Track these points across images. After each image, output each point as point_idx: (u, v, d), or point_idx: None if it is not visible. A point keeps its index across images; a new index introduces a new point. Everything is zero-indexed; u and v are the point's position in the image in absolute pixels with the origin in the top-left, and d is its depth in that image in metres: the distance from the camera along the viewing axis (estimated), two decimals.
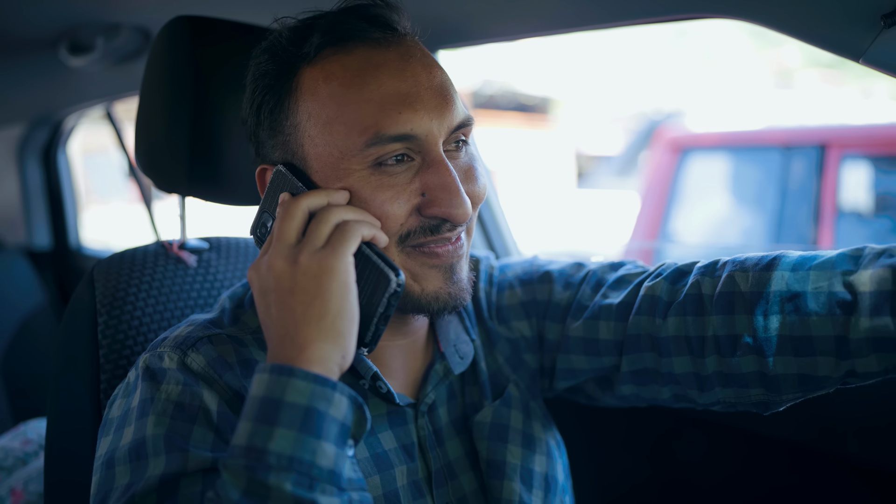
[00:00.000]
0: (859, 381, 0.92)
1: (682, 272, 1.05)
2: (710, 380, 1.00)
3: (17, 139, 2.99)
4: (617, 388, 1.12)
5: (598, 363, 1.11)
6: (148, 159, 1.24)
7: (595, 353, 1.11)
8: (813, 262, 0.93)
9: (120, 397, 0.95)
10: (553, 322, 1.16)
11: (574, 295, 1.15)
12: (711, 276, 1.01)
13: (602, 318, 1.10)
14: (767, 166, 4.08)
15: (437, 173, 0.91)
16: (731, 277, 0.98)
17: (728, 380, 0.99)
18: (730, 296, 0.97)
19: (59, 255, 3.17)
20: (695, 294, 1.01)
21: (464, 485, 1.06)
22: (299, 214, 0.88)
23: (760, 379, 0.96)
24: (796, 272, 0.93)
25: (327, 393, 0.79)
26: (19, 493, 1.77)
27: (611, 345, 1.09)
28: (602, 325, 1.09)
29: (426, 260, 0.95)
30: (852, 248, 0.92)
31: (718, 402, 1.02)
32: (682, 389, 1.05)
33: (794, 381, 0.94)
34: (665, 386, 1.06)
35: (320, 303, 0.82)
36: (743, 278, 0.97)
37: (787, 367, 0.93)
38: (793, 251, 0.97)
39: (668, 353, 1.03)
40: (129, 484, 0.83)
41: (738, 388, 0.99)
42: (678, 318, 1.01)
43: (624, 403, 1.17)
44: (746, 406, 1.01)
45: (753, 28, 1.09)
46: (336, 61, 0.92)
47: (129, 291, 1.18)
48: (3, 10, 1.73)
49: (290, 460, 0.75)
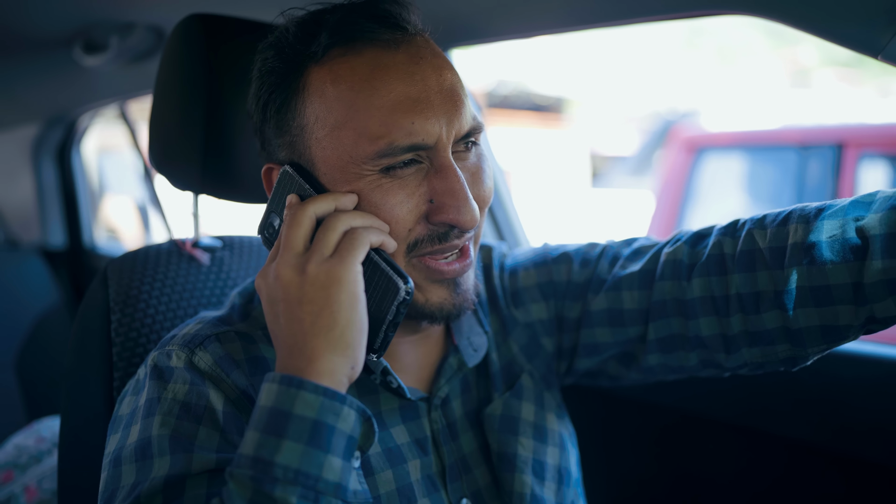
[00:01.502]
0: (881, 326, 0.91)
1: (702, 235, 1.05)
2: (737, 340, 1.00)
3: (32, 139, 3.01)
4: (643, 360, 1.11)
5: (623, 334, 1.10)
6: (161, 157, 1.24)
7: (620, 323, 1.10)
8: (826, 211, 0.92)
9: (129, 394, 0.95)
10: (573, 301, 1.15)
11: (593, 271, 1.14)
12: (732, 235, 1.01)
13: (624, 288, 1.09)
14: (784, 166, 4.06)
15: (445, 179, 0.90)
16: (750, 235, 0.98)
17: (754, 338, 0.99)
18: (750, 253, 0.97)
19: (73, 253, 3.18)
20: (717, 254, 1.01)
21: (478, 478, 1.06)
22: (307, 221, 0.87)
23: (785, 334, 0.96)
24: (810, 223, 0.92)
25: (336, 406, 0.79)
26: (33, 490, 1.78)
27: (636, 314, 1.09)
28: (625, 295, 1.09)
29: (431, 275, 0.94)
30: (864, 195, 0.92)
31: (745, 363, 1.02)
32: (709, 353, 1.04)
33: (818, 332, 0.94)
34: (692, 351, 1.05)
35: (329, 314, 0.82)
36: (761, 235, 0.97)
37: (810, 318, 0.93)
38: (808, 204, 0.96)
39: (694, 315, 1.02)
40: (135, 483, 0.83)
41: (765, 346, 0.98)
42: (702, 279, 1.01)
43: (650, 378, 1.16)
44: (774, 364, 1.01)
45: (769, 27, 1.08)
46: (345, 62, 0.90)
47: (142, 290, 1.18)
48: (19, 10, 1.74)
49: (297, 474, 0.75)
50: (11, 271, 2.76)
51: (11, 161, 3.14)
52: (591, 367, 1.18)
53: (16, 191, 3.20)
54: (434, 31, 0.99)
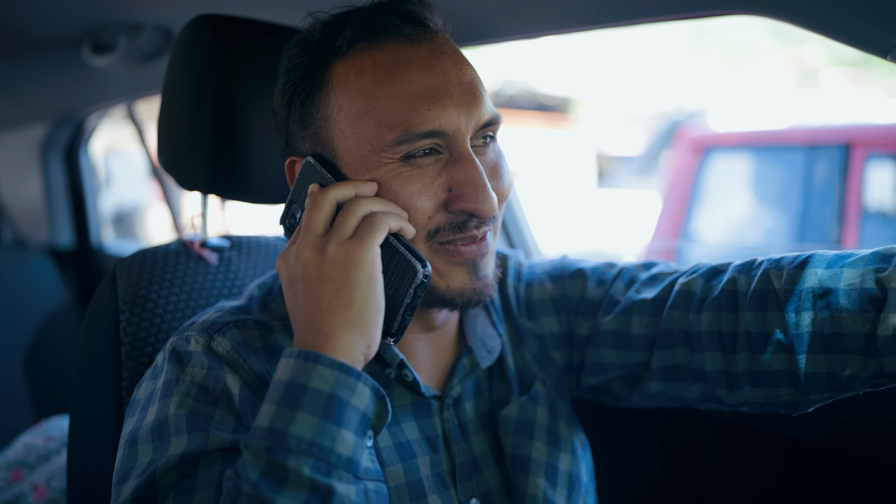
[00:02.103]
0: (889, 381, 0.91)
1: (718, 270, 1.05)
2: (740, 378, 1.00)
3: (40, 139, 3.02)
4: (645, 386, 1.12)
5: (629, 358, 1.11)
6: (170, 157, 1.24)
7: (626, 347, 1.10)
8: (846, 259, 0.92)
9: (147, 379, 0.97)
10: (584, 318, 1.16)
11: (607, 291, 1.15)
12: (747, 274, 1.00)
13: (635, 313, 1.09)
14: (791, 166, 4.04)
15: (464, 168, 0.92)
16: (766, 275, 0.98)
17: (758, 378, 0.98)
18: (764, 293, 0.97)
19: (81, 253, 3.19)
20: (730, 290, 1.00)
21: (488, 480, 1.06)
22: (327, 205, 0.90)
23: (790, 378, 0.95)
24: (829, 269, 0.92)
25: (350, 382, 0.80)
26: (42, 489, 1.79)
27: (643, 339, 1.09)
28: (635, 320, 1.09)
29: (451, 258, 0.96)
30: (886, 247, 0.91)
31: (747, 402, 1.02)
32: (711, 388, 1.04)
33: (823, 380, 0.93)
34: (694, 384, 1.05)
35: (347, 293, 0.83)
36: (777, 276, 0.96)
37: (817, 365, 0.93)
38: (827, 251, 0.96)
39: (699, 349, 1.02)
40: (151, 461, 0.85)
41: (768, 388, 0.98)
42: (712, 314, 1.01)
43: (650, 403, 1.16)
44: (775, 407, 1.00)
45: (776, 27, 1.08)
46: (368, 56, 0.93)
47: (150, 289, 1.18)
48: (28, 11, 1.75)
49: (310, 445, 0.76)
50: (20, 271, 2.77)
51: (20, 161, 3.15)
52: (597, 384, 1.19)
53: (24, 191, 3.20)
54: (452, 31, 1.01)
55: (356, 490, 0.79)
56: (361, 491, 0.81)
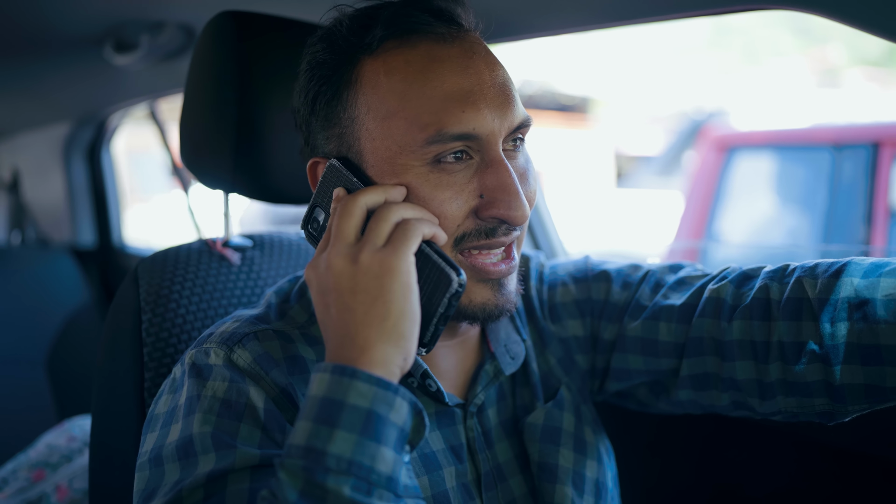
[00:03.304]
0: None
1: (749, 276, 1.02)
2: (773, 387, 0.97)
3: (63, 138, 3.03)
4: (674, 394, 1.09)
5: (655, 365, 1.08)
6: (192, 156, 1.24)
7: (653, 354, 1.08)
8: (884, 268, 0.89)
9: (166, 393, 0.95)
10: (609, 322, 1.14)
11: (632, 295, 1.12)
12: (780, 281, 0.97)
13: (663, 319, 1.07)
14: (817, 165, 3.99)
15: (496, 174, 0.89)
16: (799, 283, 0.95)
17: (791, 388, 0.95)
18: (798, 302, 0.94)
19: (103, 253, 3.21)
20: (762, 298, 0.98)
21: (513, 488, 1.04)
22: (358, 212, 0.86)
23: (825, 388, 0.93)
24: (866, 279, 0.89)
25: (389, 397, 0.77)
26: (64, 489, 1.79)
27: (670, 347, 1.06)
28: (662, 326, 1.07)
29: (476, 274, 0.93)
30: None
31: (780, 411, 0.99)
32: (742, 397, 1.01)
33: (861, 391, 0.90)
34: (725, 392, 1.03)
35: (382, 304, 0.80)
36: (811, 284, 0.93)
37: (854, 376, 0.90)
38: (864, 258, 0.93)
39: (731, 358, 1.00)
40: (178, 481, 0.82)
41: (802, 398, 0.95)
42: (744, 322, 0.98)
43: (678, 410, 1.13)
44: (809, 416, 0.97)
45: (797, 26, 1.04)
46: (399, 55, 0.90)
47: (172, 289, 1.17)
48: (51, 10, 1.75)
49: (350, 464, 0.73)
50: (42, 270, 2.78)
51: (43, 160, 3.17)
52: (621, 390, 1.16)
53: (47, 190, 3.23)
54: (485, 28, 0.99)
55: None
56: None
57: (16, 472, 1.89)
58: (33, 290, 2.72)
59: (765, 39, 12.77)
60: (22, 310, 2.65)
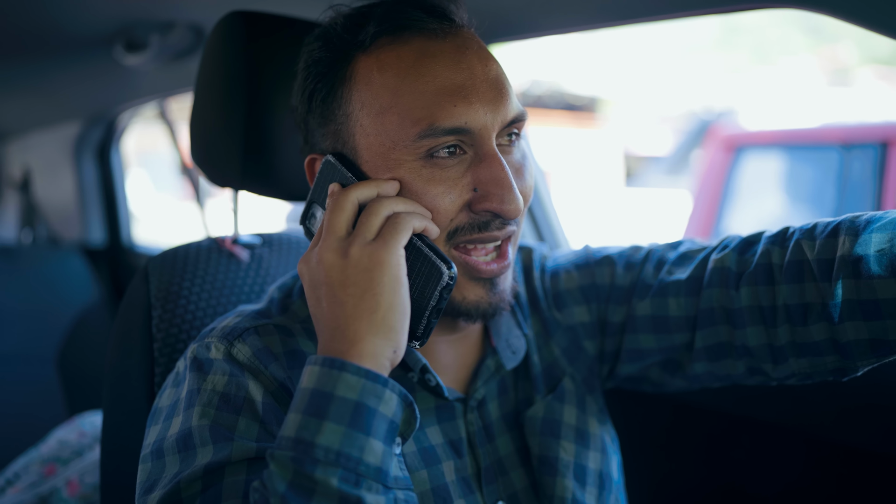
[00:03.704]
0: None
1: (750, 242, 1.03)
2: (784, 350, 0.98)
3: (73, 137, 3.05)
4: (689, 368, 1.10)
5: (668, 341, 1.09)
6: (202, 154, 1.25)
7: (665, 330, 1.09)
8: (875, 224, 0.90)
9: (170, 387, 0.96)
10: (617, 304, 1.14)
11: (637, 275, 1.13)
12: (781, 245, 0.99)
13: (671, 295, 1.07)
14: (825, 164, 3.99)
15: (489, 168, 0.90)
16: (798, 245, 0.96)
17: (801, 349, 0.96)
18: (798, 264, 0.95)
19: (112, 251, 3.23)
20: (764, 263, 0.99)
21: (514, 481, 1.05)
22: (349, 206, 0.88)
23: (833, 346, 0.94)
24: (859, 236, 0.90)
25: (378, 389, 0.78)
26: (75, 484, 1.80)
27: (682, 321, 1.07)
28: (671, 302, 1.07)
29: (469, 272, 0.94)
30: None
31: (793, 374, 1.00)
32: (756, 363, 1.02)
33: (867, 345, 0.91)
34: (739, 360, 1.04)
35: (371, 296, 0.81)
36: (810, 246, 0.95)
37: (858, 332, 0.91)
38: (858, 214, 0.94)
39: (741, 325, 1.01)
40: (177, 472, 0.84)
41: (813, 357, 0.96)
42: (750, 288, 0.99)
43: (695, 384, 1.14)
44: (823, 375, 0.98)
45: (807, 25, 1.04)
46: (392, 51, 0.91)
47: (182, 286, 1.19)
48: (62, 10, 1.76)
49: (338, 455, 0.75)
50: (53, 268, 2.80)
51: (54, 159, 3.19)
52: (633, 373, 1.17)
53: (57, 189, 3.24)
54: (479, 26, 1.00)
55: (386, 500, 0.78)
56: (391, 500, 0.79)
57: (28, 466, 1.90)
58: (44, 288, 2.73)
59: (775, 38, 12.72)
60: (33, 308, 2.67)
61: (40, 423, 2.40)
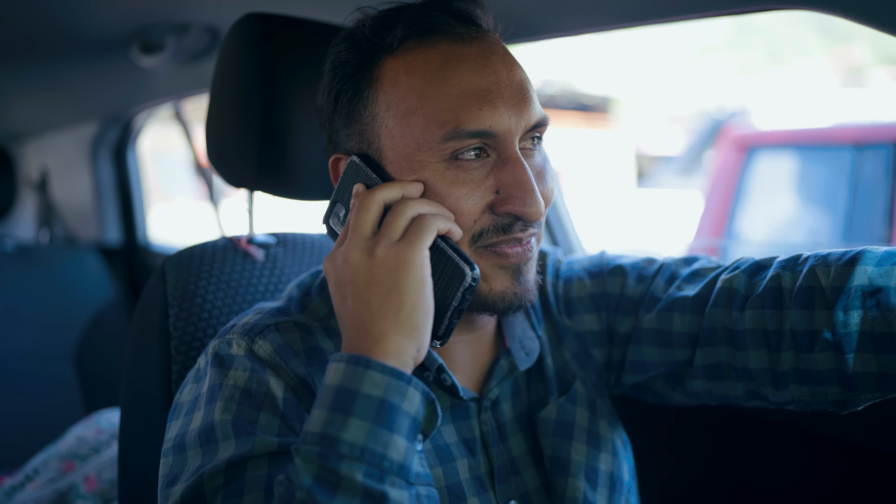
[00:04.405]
0: None
1: (761, 266, 1.03)
2: (786, 376, 0.97)
3: (90, 138, 3.08)
4: (688, 384, 1.10)
5: (671, 356, 1.09)
6: (218, 154, 1.26)
7: (668, 345, 1.09)
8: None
9: (191, 382, 0.97)
10: (625, 315, 1.15)
11: (647, 287, 1.13)
12: (792, 270, 0.98)
13: (676, 311, 1.08)
14: (838, 164, 3.96)
15: (512, 171, 0.91)
16: (812, 272, 0.95)
17: (804, 377, 0.96)
18: (810, 290, 0.94)
19: (128, 251, 3.25)
20: (774, 287, 0.98)
21: (527, 481, 1.05)
22: (375, 207, 0.89)
23: (838, 377, 0.93)
24: (880, 267, 0.90)
25: (402, 387, 0.79)
26: (93, 480, 1.82)
27: (684, 337, 1.07)
28: (676, 317, 1.08)
29: (496, 260, 0.94)
30: None
31: (793, 400, 0.99)
32: (755, 386, 1.02)
33: (874, 379, 0.91)
34: (739, 382, 1.04)
35: (396, 296, 0.82)
36: (824, 273, 0.94)
37: (867, 364, 0.90)
38: (878, 247, 0.93)
39: (743, 347, 1.00)
40: (199, 466, 0.85)
41: (815, 386, 0.96)
42: (756, 311, 0.99)
43: (694, 401, 1.14)
44: (823, 405, 0.98)
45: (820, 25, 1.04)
46: (419, 54, 0.92)
47: (198, 285, 1.20)
48: (80, 12, 1.78)
49: (363, 451, 0.75)
50: (70, 268, 2.82)
51: (71, 160, 3.21)
52: (638, 383, 1.17)
53: (74, 189, 3.26)
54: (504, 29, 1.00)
55: (409, 495, 0.78)
56: (414, 496, 0.80)
57: (46, 463, 1.93)
58: (61, 287, 2.75)
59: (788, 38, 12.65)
60: (51, 307, 2.69)
61: (58, 421, 2.42)
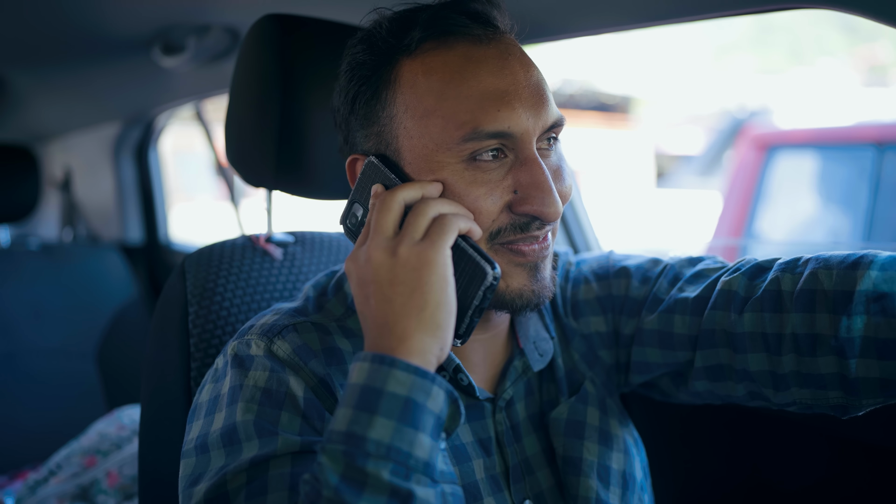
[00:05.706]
0: None
1: (762, 268, 1.03)
2: (787, 379, 0.97)
3: (112, 138, 3.11)
4: (691, 385, 1.10)
5: (672, 357, 1.10)
6: (237, 154, 1.27)
7: (669, 346, 1.09)
8: None
9: (209, 383, 0.98)
10: (629, 317, 1.15)
11: (651, 289, 1.14)
12: (792, 272, 0.98)
13: (677, 312, 1.08)
14: (859, 164, 3.92)
15: (530, 171, 0.91)
16: (813, 275, 0.95)
17: (805, 380, 0.96)
18: (811, 293, 0.94)
19: (150, 249, 3.28)
20: (773, 290, 0.98)
21: (541, 481, 1.06)
22: (396, 207, 0.89)
23: (840, 381, 0.93)
24: (885, 272, 0.89)
25: (426, 385, 0.79)
26: (115, 475, 1.85)
27: (685, 339, 1.07)
28: (677, 319, 1.08)
29: (512, 258, 0.95)
30: None
31: (794, 402, 0.99)
32: (756, 387, 1.02)
33: (876, 385, 0.90)
34: (740, 383, 1.04)
35: (420, 295, 0.83)
36: (827, 276, 0.93)
37: (869, 370, 0.90)
38: (882, 251, 0.93)
39: (742, 350, 1.00)
40: (223, 466, 0.86)
41: (816, 390, 0.95)
42: (754, 314, 0.99)
43: (698, 400, 1.14)
44: (823, 408, 0.97)
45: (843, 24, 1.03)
46: (437, 56, 0.92)
47: (218, 283, 1.21)
48: (103, 14, 1.80)
49: (389, 449, 0.76)
50: (93, 266, 2.84)
51: (94, 160, 3.24)
52: (645, 382, 1.18)
53: (97, 189, 3.29)
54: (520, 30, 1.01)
55: (434, 493, 0.79)
56: (439, 494, 0.80)
57: (69, 458, 1.96)
58: (84, 285, 2.78)
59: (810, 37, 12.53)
60: (74, 304, 2.72)
61: (81, 416, 2.46)
